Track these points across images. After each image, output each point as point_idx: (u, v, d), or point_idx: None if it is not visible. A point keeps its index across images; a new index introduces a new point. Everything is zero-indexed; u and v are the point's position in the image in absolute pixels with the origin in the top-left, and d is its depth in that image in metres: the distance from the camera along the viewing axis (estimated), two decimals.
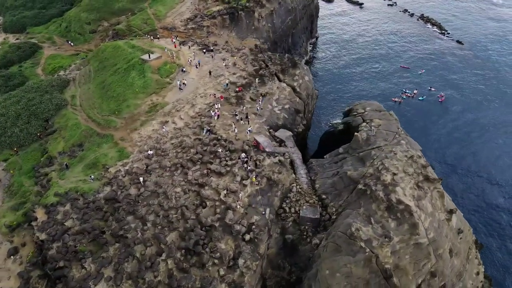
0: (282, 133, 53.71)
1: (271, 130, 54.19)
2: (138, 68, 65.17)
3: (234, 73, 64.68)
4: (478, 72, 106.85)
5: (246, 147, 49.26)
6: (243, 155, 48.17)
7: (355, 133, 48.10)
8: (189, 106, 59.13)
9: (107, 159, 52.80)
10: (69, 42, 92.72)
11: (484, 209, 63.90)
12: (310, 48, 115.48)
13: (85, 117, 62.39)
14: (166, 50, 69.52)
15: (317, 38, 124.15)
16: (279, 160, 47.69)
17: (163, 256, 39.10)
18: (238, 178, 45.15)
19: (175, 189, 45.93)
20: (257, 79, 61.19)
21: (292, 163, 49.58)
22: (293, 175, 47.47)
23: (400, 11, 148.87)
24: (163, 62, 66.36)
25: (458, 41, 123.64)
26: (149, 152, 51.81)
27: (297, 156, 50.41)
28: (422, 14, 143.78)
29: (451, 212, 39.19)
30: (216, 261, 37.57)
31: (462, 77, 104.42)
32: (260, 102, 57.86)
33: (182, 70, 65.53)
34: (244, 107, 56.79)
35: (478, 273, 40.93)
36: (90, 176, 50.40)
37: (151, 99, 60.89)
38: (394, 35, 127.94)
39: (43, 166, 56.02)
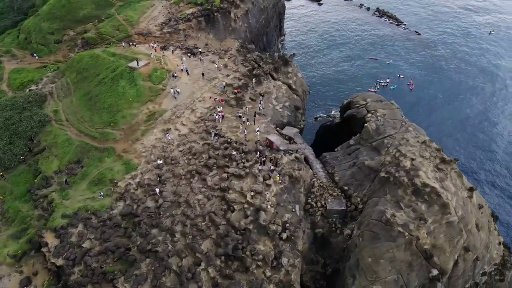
0: (289, 130, 54.30)
1: (278, 129, 54.55)
2: (127, 77, 62.60)
3: (227, 75, 64.21)
4: (437, 58, 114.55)
5: (260, 147, 49.23)
6: (258, 155, 48.12)
7: (365, 124, 49.82)
8: (189, 111, 57.92)
9: (113, 173, 50.39)
10: (34, 55, 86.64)
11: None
12: (280, 46, 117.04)
13: (75, 132, 58.91)
14: (152, 56, 67.36)
15: (284, 35, 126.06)
16: (295, 157, 48.24)
17: (202, 265, 38.23)
18: (261, 179, 45.09)
19: (196, 196, 44.96)
20: (254, 79, 61.21)
21: (306, 159, 50.28)
22: (311, 171, 48.19)
23: (356, 6, 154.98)
24: (153, 68, 64.28)
25: (415, 31, 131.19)
26: (159, 161, 50.18)
27: (309, 151, 51.28)
28: (378, 8, 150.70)
29: (471, 189, 42.01)
30: (259, 263, 37.39)
31: (424, 64, 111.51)
32: (261, 102, 57.98)
33: (173, 76, 63.89)
34: (247, 108, 56.61)
35: (499, 243, 44.24)
36: (100, 193, 47.89)
37: (147, 107, 58.85)
38: (356, 29, 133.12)
39: (39, 188, 52.24)
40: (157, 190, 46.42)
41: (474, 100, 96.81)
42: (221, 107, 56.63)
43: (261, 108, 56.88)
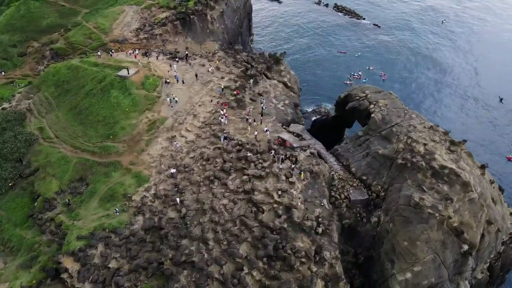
0: (295, 127, 55.04)
1: (285, 127, 55.08)
2: (119, 86, 60.00)
3: (222, 77, 63.68)
4: (400, 49, 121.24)
5: (275, 146, 49.48)
6: (273, 154, 48.32)
7: (372, 115, 51.70)
8: (191, 117, 56.76)
9: (125, 187, 48.29)
10: (1, 71, 79.85)
11: None
12: (252, 46, 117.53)
13: (70, 148, 55.56)
14: (139, 63, 65.02)
15: (253, 35, 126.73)
16: (311, 153, 49.05)
17: (245, 269, 37.86)
18: (283, 177, 45.38)
19: (221, 201, 44.33)
20: (251, 80, 61.20)
21: (318, 154, 51.25)
22: (327, 165, 49.24)
23: (315, 3, 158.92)
24: (144, 76, 62.10)
25: (375, 24, 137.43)
26: (172, 170, 48.80)
27: (320, 146, 52.32)
28: (336, 4, 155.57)
29: (483, 167, 45.20)
30: (302, 259, 37.72)
31: (389, 55, 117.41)
32: (263, 101, 58.14)
33: (166, 82, 62.17)
34: (251, 109, 56.57)
35: (510, 214, 47.90)
36: (115, 209, 45.73)
37: (146, 116, 56.85)
38: (319, 25, 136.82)
39: (41, 211, 48.85)
40: (178, 199, 45.20)
41: (439, 85, 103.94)
42: (224, 110, 56.04)
43: (264, 107, 57.02)
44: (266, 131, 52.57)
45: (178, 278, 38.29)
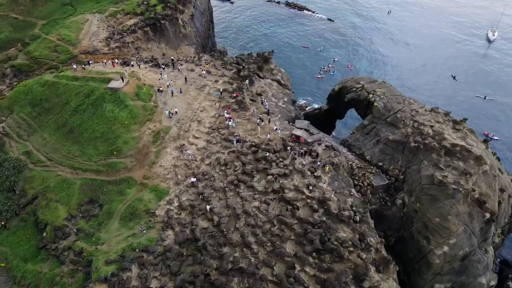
0: (301, 123, 56.04)
1: (291, 124, 55.86)
2: (111, 99, 56.81)
3: (216, 81, 62.85)
4: (356, 40, 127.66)
5: (291, 144, 50.09)
6: (290, 151, 48.91)
7: (374, 104, 54.15)
8: (195, 123, 55.47)
9: (145, 203, 46.21)
10: None
11: None
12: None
13: (68, 170, 51.78)
14: (126, 73, 61.96)
15: (214, 37, 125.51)
16: (326, 146, 50.36)
17: (298, 267, 38.16)
18: (308, 173, 46.18)
19: (253, 204, 44.15)
20: (247, 80, 61.09)
21: (331, 146, 52.72)
22: (342, 155, 50.86)
23: (266, 1, 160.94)
24: (137, 86, 59.35)
25: (329, 19, 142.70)
26: (192, 179, 47.59)
27: (329, 138, 53.87)
28: (287, 1, 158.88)
29: (485, 141, 49.39)
30: (350, 248, 38.81)
31: (349, 46, 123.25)
32: (264, 101, 58.41)
33: (158, 90, 60.03)
34: (255, 110, 56.61)
35: (511, 180, 52.76)
36: (140, 227, 43.68)
37: (148, 128, 54.53)
38: (276, 23, 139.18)
39: (53, 241, 45.15)
40: (208, 207, 44.26)
41: (398, 69, 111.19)
42: (229, 114, 55.56)
43: (267, 107, 57.33)
44: (276, 129, 52.96)
45: (231, 286, 37.57)
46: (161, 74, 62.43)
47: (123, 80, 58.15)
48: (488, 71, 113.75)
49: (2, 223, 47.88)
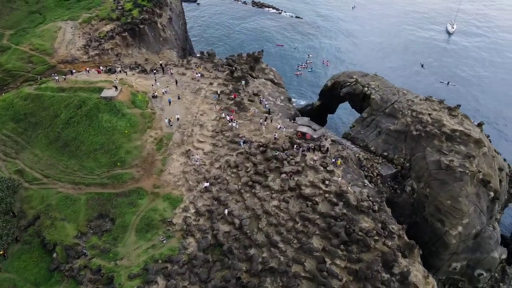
0: (302, 120, 56.80)
1: (293, 121, 56.49)
2: (107, 109, 54.68)
3: (211, 83, 62.22)
4: (327, 35, 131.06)
5: (298, 141, 50.69)
6: (298, 148, 49.52)
7: (371, 97, 55.93)
8: (197, 128, 54.70)
9: (160, 212, 45.09)
10: None
11: None
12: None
13: (69, 186, 49.43)
14: (115, 81, 59.81)
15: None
16: (332, 140, 51.47)
17: (328, 260, 38.83)
18: (321, 168, 46.98)
19: (272, 203, 44.35)
20: (242, 81, 60.99)
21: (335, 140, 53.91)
22: (348, 148, 52.19)
23: (232, 1, 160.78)
24: (131, 93, 57.49)
25: (297, 17, 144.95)
26: (205, 184, 47.02)
27: (331, 133, 55.01)
28: (253, 1, 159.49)
29: (480, 125, 52.48)
30: (375, 237, 39.99)
31: (320, 42, 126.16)
32: (263, 101, 58.62)
33: (153, 96, 58.56)
34: (256, 110, 56.72)
35: (504, 160, 56.19)
36: (160, 238, 42.62)
37: (149, 135, 53.08)
38: (247, 22, 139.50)
39: (67, 261, 42.92)
40: (226, 211, 43.93)
41: (372, 60, 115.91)
42: (231, 115, 55.30)
43: (266, 106, 57.61)
44: (280, 128, 53.38)
45: (266, 287, 37.56)
46: (155, 80, 60.76)
47: (116, 89, 56.15)
48: (450, 60, 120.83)
49: (1, 252, 44.67)
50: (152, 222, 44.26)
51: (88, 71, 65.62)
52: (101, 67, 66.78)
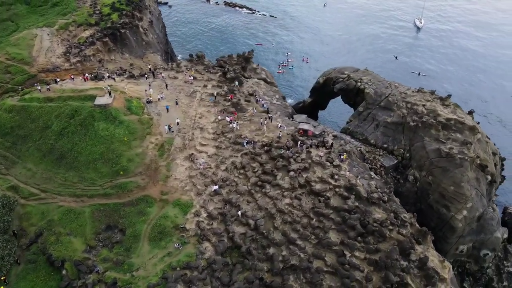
0: (300, 118, 57.55)
1: (292, 119, 57.03)
2: (102, 117, 52.99)
3: (205, 86, 61.65)
4: (300, 32, 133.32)
5: (301, 138, 51.26)
6: (301, 145, 50.14)
7: (366, 91, 57.38)
8: (198, 131, 54.13)
9: (172, 219, 44.37)
10: None
11: None
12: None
13: (70, 199, 47.64)
14: (106, 88, 57.99)
15: None
16: (334, 136, 52.42)
17: (348, 253, 39.54)
18: (328, 163, 47.76)
19: (284, 201, 44.65)
20: (236, 82, 60.88)
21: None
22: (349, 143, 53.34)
23: (204, 2, 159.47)
24: (125, 99, 55.97)
25: (271, 16, 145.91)
26: (215, 187, 46.69)
27: (330, 129, 55.99)
28: (225, 1, 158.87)
29: (470, 112, 55.01)
30: (390, 227, 41.15)
31: (297, 40, 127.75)
32: (260, 100, 58.78)
33: (148, 102, 57.37)
34: (254, 110, 56.80)
35: (494, 144, 59.09)
36: (176, 245, 41.96)
37: (150, 142, 51.97)
38: (222, 22, 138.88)
39: (78, 277, 41.33)
40: (239, 213, 43.86)
41: (350, 53, 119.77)
42: (231, 117, 55.12)
43: (265, 105, 57.83)
44: (281, 126, 53.76)
45: (290, 285, 37.81)
46: (149, 85, 59.47)
47: (110, 95, 54.56)
48: (420, 52, 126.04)
49: (2, 278, 42.27)
50: (164, 229, 43.41)
51: (73, 78, 63.33)
52: (86, 74, 64.51)
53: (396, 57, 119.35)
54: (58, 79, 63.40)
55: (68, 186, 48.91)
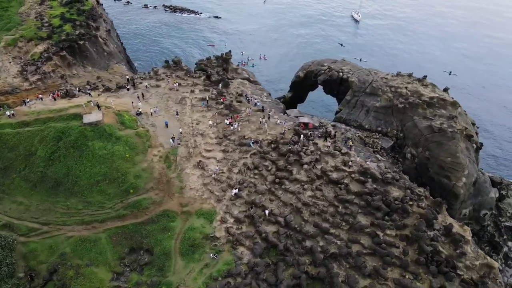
0: (293, 112, 58.87)
1: (287, 115, 58.05)
2: (96, 135, 49.40)
3: (192, 91, 60.15)
4: (247, 30, 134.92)
5: (304, 131, 52.54)
6: (304, 138, 51.51)
7: (350, 80, 60.24)
8: (199, 137, 52.86)
9: (200, 229, 43.10)
10: None
11: None
12: None
13: (79, 228, 44.04)
14: (92, 103, 54.14)
15: None
16: (332, 125, 54.51)
17: (380, 233, 41.62)
18: (337, 152, 49.64)
19: (306, 194, 45.64)
20: (220, 84, 60.31)
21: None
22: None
23: (141, 7, 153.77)
24: (116, 114, 52.62)
25: (215, 16, 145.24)
26: (234, 191, 46.19)
27: (324, 119, 58.09)
28: (164, 4, 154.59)
29: (446, 90, 60.27)
30: (410, 202, 44.01)
31: (249, 39, 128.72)
32: (252, 100, 58.91)
33: (137, 114, 54.68)
34: (250, 110, 56.86)
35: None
36: (211, 255, 40.96)
37: (153, 155, 49.66)
38: (167, 27, 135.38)
39: None
40: (267, 212, 43.99)
41: (295, 48, 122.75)
42: (230, 119, 54.65)
43: (257, 104, 58.12)
44: (280, 122, 54.55)
45: (336, 272, 38.92)
46: (138, 97, 56.59)
47: (99, 108, 51.10)
48: (361, 41, 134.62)
49: None
50: (195, 241, 41.99)
51: (41, 98, 58.10)
52: (56, 92, 59.48)
53: (341, 44, 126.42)
54: (28, 100, 57.56)
55: (73, 214, 45.06)
